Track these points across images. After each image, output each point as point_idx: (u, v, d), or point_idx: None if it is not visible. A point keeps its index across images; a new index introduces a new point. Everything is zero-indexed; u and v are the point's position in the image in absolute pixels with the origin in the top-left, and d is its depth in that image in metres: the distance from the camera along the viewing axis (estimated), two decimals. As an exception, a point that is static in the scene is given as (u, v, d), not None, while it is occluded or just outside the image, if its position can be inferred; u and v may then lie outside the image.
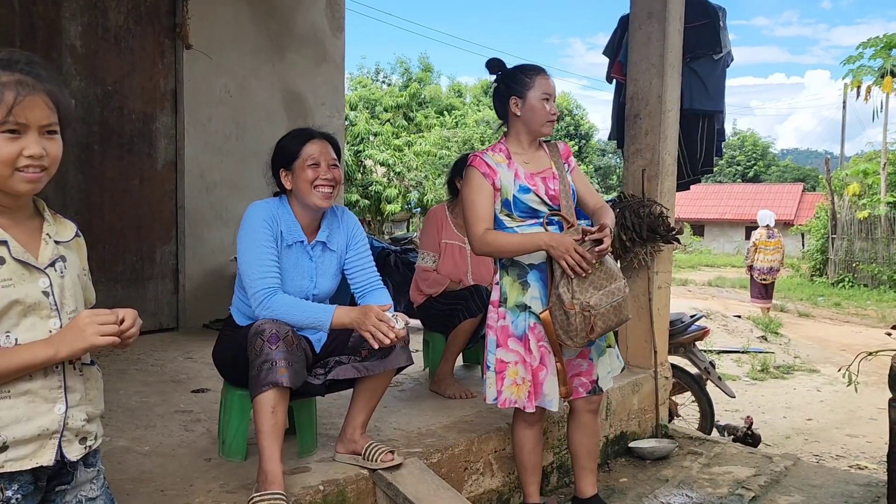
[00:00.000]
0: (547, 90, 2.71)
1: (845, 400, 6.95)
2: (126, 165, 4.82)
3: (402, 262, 5.33)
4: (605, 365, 2.85)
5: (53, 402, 1.38)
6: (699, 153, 4.38)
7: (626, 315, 2.69)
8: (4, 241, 1.35)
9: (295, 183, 2.56)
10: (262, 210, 2.55)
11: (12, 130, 1.32)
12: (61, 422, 1.38)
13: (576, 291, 2.55)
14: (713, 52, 4.21)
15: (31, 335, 1.35)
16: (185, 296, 5.15)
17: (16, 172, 1.33)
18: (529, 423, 2.86)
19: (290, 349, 2.37)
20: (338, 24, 6.18)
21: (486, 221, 2.68)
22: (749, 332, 10.43)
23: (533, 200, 2.69)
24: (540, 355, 2.71)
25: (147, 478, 2.48)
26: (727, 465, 3.73)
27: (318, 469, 2.57)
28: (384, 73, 30.76)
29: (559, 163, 2.78)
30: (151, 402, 3.37)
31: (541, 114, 2.71)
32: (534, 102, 2.70)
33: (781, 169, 44.67)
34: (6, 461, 1.32)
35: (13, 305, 1.33)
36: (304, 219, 2.61)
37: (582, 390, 2.82)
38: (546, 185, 2.72)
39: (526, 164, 2.75)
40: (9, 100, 1.30)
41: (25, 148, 1.33)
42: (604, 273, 2.61)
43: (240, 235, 2.54)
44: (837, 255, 18.79)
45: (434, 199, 20.73)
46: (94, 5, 4.60)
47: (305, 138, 2.59)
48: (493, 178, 2.69)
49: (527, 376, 2.71)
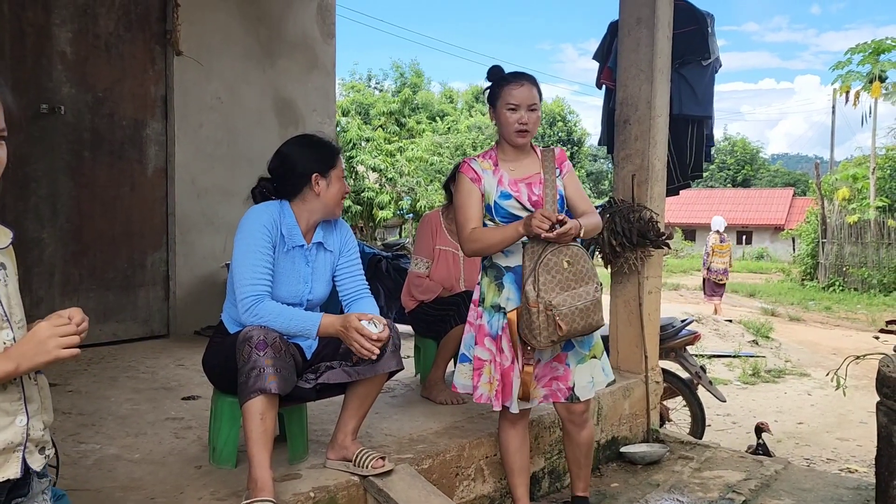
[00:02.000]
0: (511, 100, 2.69)
1: (836, 404, 6.98)
2: (117, 172, 4.81)
3: (393, 267, 5.33)
4: (585, 374, 2.81)
5: (14, 414, 1.35)
6: (689, 158, 4.41)
7: (597, 321, 2.65)
8: None
9: (328, 191, 2.59)
10: (263, 215, 2.55)
11: None
12: (24, 433, 1.36)
13: (541, 290, 2.57)
14: (702, 58, 4.25)
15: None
16: (175, 303, 5.14)
17: None
18: (512, 421, 2.87)
19: (278, 355, 2.37)
20: (328, 30, 6.19)
21: (474, 222, 2.76)
22: (740, 336, 10.47)
23: (513, 206, 2.74)
24: (511, 356, 2.75)
25: (137, 485, 2.47)
26: (718, 470, 3.74)
27: (309, 476, 2.57)
28: (376, 78, 30.80)
29: (549, 168, 2.78)
30: (142, 410, 3.35)
31: (506, 124, 2.73)
32: (500, 112, 2.73)
33: (772, 174, 44.93)
34: None
35: None
36: (307, 224, 2.63)
37: (560, 395, 2.81)
38: (530, 191, 2.75)
39: (511, 170, 2.78)
40: None
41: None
42: (573, 274, 2.61)
43: (237, 238, 2.53)
44: (828, 259, 18.91)
45: (426, 204, 20.75)
46: (85, 11, 4.59)
47: (336, 149, 2.68)
48: (479, 183, 2.76)
49: (496, 375, 2.77)
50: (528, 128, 2.72)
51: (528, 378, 2.71)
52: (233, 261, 2.54)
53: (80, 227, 4.62)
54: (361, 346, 2.36)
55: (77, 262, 4.61)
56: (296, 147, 2.66)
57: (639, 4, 4.00)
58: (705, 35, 4.20)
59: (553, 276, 2.58)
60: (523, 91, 2.70)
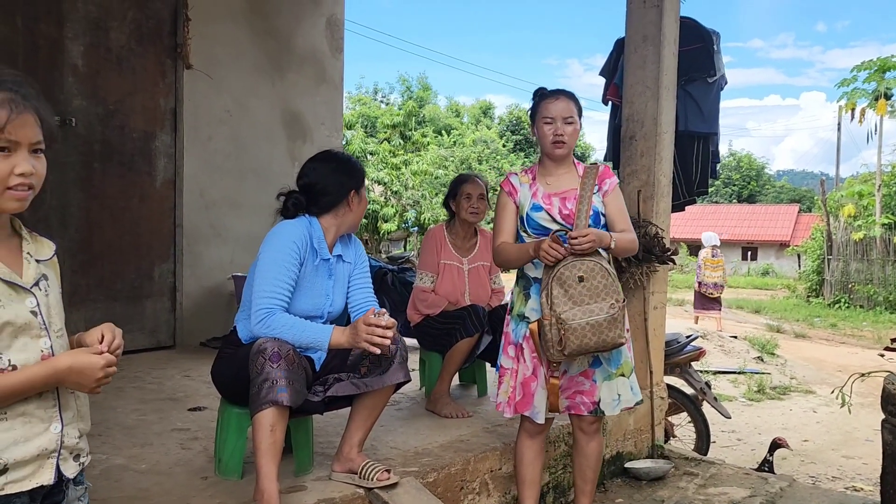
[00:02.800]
0: (547, 113, 2.78)
1: (841, 421, 6.95)
2: (126, 183, 4.85)
3: (399, 281, 5.35)
4: (612, 391, 2.82)
5: (49, 421, 1.38)
6: (694, 174, 4.43)
7: (613, 338, 2.60)
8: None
9: (359, 206, 2.73)
10: (295, 230, 2.59)
11: (3, 148, 1.32)
12: (58, 440, 1.39)
13: (554, 303, 2.60)
14: (707, 76, 4.28)
15: (23, 356, 1.35)
16: (182, 314, 5.16)
17: (6, 191, 1.33)
18: (530, 433, 2.90)
19: (291, 368, 2.38)
20: (337, 44, 6.25)
21: (503, 235, 2.86)
22: (745, 352, 10.45)
23: (544, 218, 2.80)
24: (533, 366, 2.79)
25: (144, 496, 2.48)
26: (723, 486, 3.74)
27: (315, 488, 2.58)
28: (382, 91, 30.97)
29: (588, 184, 2.79)
30: (149, 420, 3.37)
31: (543, 136, 2.81)
32: (539, 126, 2.83)
33: (777, 190, 44.91)
34: (6, 483, 1.32)
35: (5, 327, 1.32)
36: (331, 238, 2.71)
37: (583, 408, 2.82)
38: (562, 205, 2.79)
39: (548, 184, 2.85)
40: (1, 118, 1.30)
41: (17, 166, 1.33)
42: (587, 290, 2.60)
43: (263, 249, 2.57)
44: (833, 276, 18.86)
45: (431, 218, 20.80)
46: (97, 25, 4.65)
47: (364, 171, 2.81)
48: (515, 196, 2.85)
49: (512, 383, 2.83)
50: (564, 139, 2.77)
51: (553, 390, 2.73)
52: (256, 271, 2.55)
53: (90, 237, 4.66)
54: (371, 341, 2.35)
55: (85, 272, 4.64)
56: (332, 164, 2.73)
57: (645, 22, 4.03)
58: (711, 53, 4.24)
59: (565, 291, 2.60)
60: (559, 104, 2.78)
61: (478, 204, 3.89)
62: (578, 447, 2.97)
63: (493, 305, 3.98)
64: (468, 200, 3.88)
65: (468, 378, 4.28)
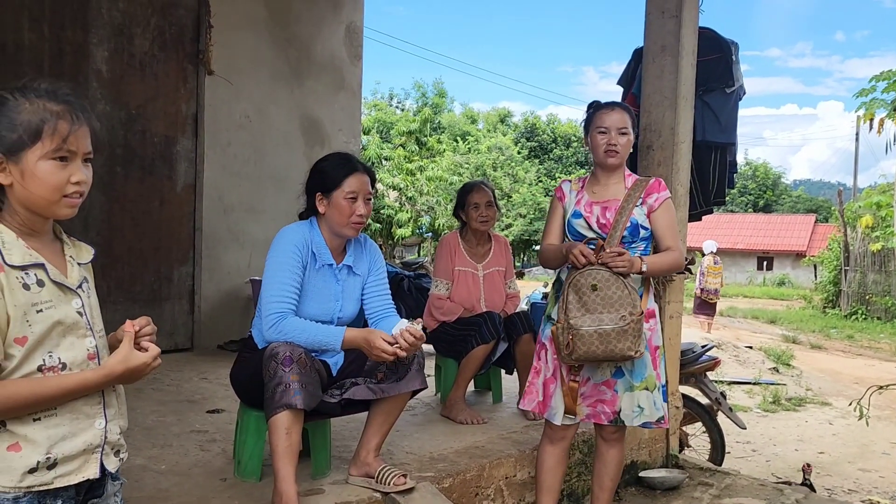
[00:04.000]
0: (601, 123, 2.84)
1: (858, 434, 6.90)
2: (147, 187, 4.92)
3: (415, 287, 5.38)
4: (633, 402, 2.80)
5: (94, 417, 1.45)
6: (711, 184, 4.42)
7: (622, 349, 2.60)
8: (42, 265, 1.41)
9: (329, 211, 2.61)
10: (294, 234, 2.61)
11: (64, 157, 1.39)
12: (102, 436, 1.46)
13: (567, 309, 2.67)
14: (726, 86, 4.27)
15: (71, 354, 1.42)
16: (200, 317, 5.22)
17: (62, 198, 1.41)
18: (552, 439, 2.92)
19: (303, 371, 2.41)
20: (356, 52, 6.30)
21: (549, 237, 2.98)
22: (761, 363, 10.38)
23: (581, 226, 2.87)
24: (553, 367, 2.84)
25: (164, 496, 2.52)
26: (738, 497, 3.72)
27: (332, 491, 2.60)
28: (398, 97, 31.08)
29: (633, 196, 2.82)
30: (168, 422, 3.41)
31: (596, 146, 2.87)
32: (592, 136, 2.89)
33: (794, 199, 44.58)
34: (56, 477, 1.38)
35: (55, 326, 1.39)
36: (332, 242, 2.68)
37: (604, 418, 2.83)
38: (602, 214, 2.83)
39: (594, 193, 2.91)
40: (63, 129, 1.38)
41: (73, 175, 1.41)
42: (601, 299, 2.63)
43: (268, 257, 2.60)
44: (850, 287, 18.69)
45: (445, 223, 20.84)
46: (121, 31, 4.73)
47: (349, 170, 2.62)
48: (563, 202, 2.95)
49: (533, 380, 2.91)
50: (618, 149, 2.82)
51: (571, 393, 2.77)
52: (263, 278, 2.60)
53: (110, 240, 4.72)
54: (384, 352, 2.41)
55: (105, 274, 4.70)
56: (314, 165, 2.72)
57: (664, 32, 4.04)
58: (729, 63, 4.23)
59: (578, 297, 2.66)
60: (613, 115, 2.83)
61: (486, 212, 3.91)
62: (599, 454, 3.00)
63: (508, 312, 4.00)
64: (476, 210, 3.89)
65: (483, 384, 4.30)
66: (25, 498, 1.36)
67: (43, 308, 1.38)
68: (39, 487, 1.37)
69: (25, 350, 1.35)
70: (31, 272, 1.38)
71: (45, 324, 1.37)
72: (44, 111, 1.38)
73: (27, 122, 1.36)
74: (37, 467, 1.36)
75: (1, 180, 1.38)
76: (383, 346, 2.40)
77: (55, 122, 1.38)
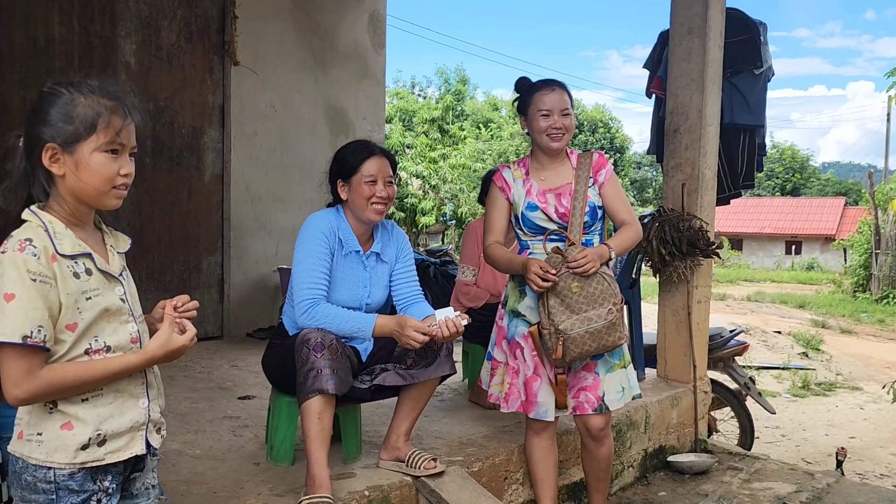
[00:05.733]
0: (543, 106, 2.69)
1: (890, 418, 6.81)
2: (175, 178, 4.99)
3: (441, 274, 5.40)
4: (615, 383, 2.74)
5: (138, 397, 1.53)
6: (740, 167, 4.38)
7: (613, 341, 2.57)
8: (89, 254, 1.47)
9: (351, 196, 2.64)
10: (321, 222, 2.64)
11: (115, 150, 1.46)
12: (146, 414, 1.54)
13: (551, 313, 2.55)
14: (754, 67, 4.22)
15: (115, 338, 1.49)
16: (229, 305, 5.29)
17: (111, 189, 1.47)
18: (535, 431, 2.85)
19: (334, 357, 2.44)
20: (379, 40, 6.31)
21: (495, 234, 2.79)
22: (789, 348, 10.27)
23: (539, 218, 2.73)
24: (534, 365, 2.74)
25: (199, 480, 2.57)
26: (768, 481, 3.71)
27: (363, 475, 2.64)
28: (420, 85, 31.03)
29: (582, 178, 2.71)
30: (200, 408, 3.47)
31: (539, 130, 2.72)
32: (533, 119, 2.73)
33: (822, 182, 43.84)
34: (107, 453, 1.47)
35: (102, 313, 1.46)
36: (358, 229, 2.70)
37: (588, 407, 2.73)
38: (558, 202, 2.72)
39: (542, 180, 2.77)
40: (117, 123, 1.45)
41: (122, 167, 1.47)
42: (584, 297, 2.55)
43: (297, 245, 2.63)
44: (881, 270, 18.37)
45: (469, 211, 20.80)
46: (148, 24, 4.78)
47: (366, 154, 2.64)
48: (508, 193, 2.78)
49: (507, 379, 2.80)
50: (563, 132, 2.70)
51: (562, 387, 2.69)
52: (293, 266, 2.63)
53: (140, 230, 4.80)
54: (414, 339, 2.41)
55: (136, 264, 4.76)
56: (335, 154, 2.74)
57: (691, 14, 4.00)
58: (758, 44, 4.18)
59: (562, 300, 2.55)
60: (554, 96, 2.70)
61: None
62: (589, 452, 2.89)
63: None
64: None
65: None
66: (80, 473, 1.45)
67: (91, 296, 1.44)
68: (92, 464, 1.45)
69: (75, 336, 1.42)
70: (80, 261, 1.45)
71: (93, 311, 1.44)
72: (98, 105, 1.44)
73: (83, 116, 1.42)
74: (88, 444, 1.44)
75: (55, 171, 1.43)
76: (414, 335, 2.41)
77: (109, 116, 1.44)
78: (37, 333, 1.34)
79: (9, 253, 1.36)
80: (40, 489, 1.43)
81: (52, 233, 1.42)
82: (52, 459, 1.42)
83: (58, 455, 1.42)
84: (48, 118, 1.42)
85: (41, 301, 1.35)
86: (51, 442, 1.42)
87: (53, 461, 1.42)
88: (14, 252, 1.36)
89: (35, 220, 1.43)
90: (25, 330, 1.33)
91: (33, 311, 1.34)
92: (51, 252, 1.39)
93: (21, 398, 1.37)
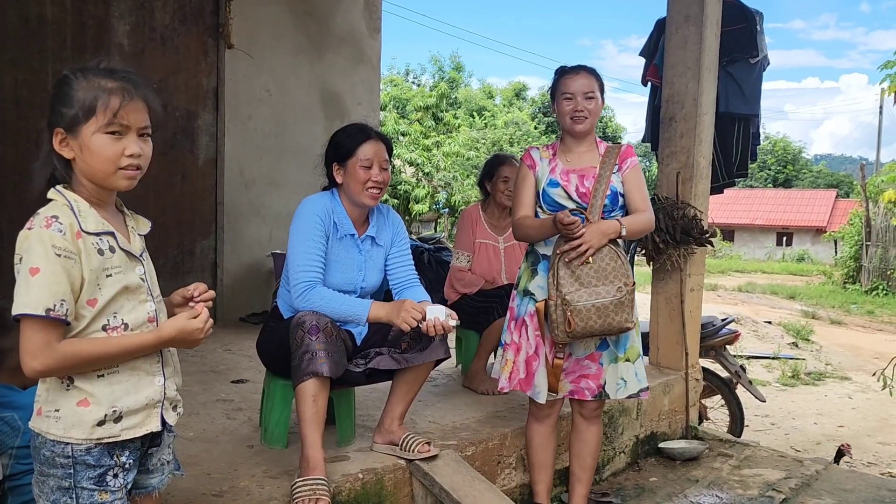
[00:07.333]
0: (567, 89, 2.74)
1: (878, 408, 6.88)
2: (169, 161, 4.96)
3: (435, 260, 5.40)
4: (616, 374, 2.76)
5: (154, 375, 1.57)
6: (734, 156, 4.39)
7: (619, 322, 2.56)
8: (112, 233, 1.51)
9: (346, 180, 2.64)
10: (315, 205, 2.63)
11: (116, 132, 1.47)
12: (162, 392, 1.57)
13: (560, 284, 2.57)
14: (750, 56, 4.22)
15: (133, 316, 1.52)
16: (222, 289, 5.28)
17: (118, 170, 1.48)
18: (538, 417, 2.87)
19: (329, 340, 2.45)
20: (375, 24, 6.28)
21: (525, 208, 2.81)
22: (780, 338, 10.34)
23: (559, 195, 2.75)
24: (535, 344, 2.75)
25: (193, 461, 2.57)
26: (757, 468, 3.74)
27: (357, 458, 2.65)
28: (414, 73, 30.87)
29: (608, 164, 2.75)
30: (194, 391, 3.47)
31: (563, 113, 2.77)
32: (559, 102, 2.79)
33: (815, 174, 43.99)
34: (123, 430, 1.51)
35: (123, 291, 1.50)
36: (353, 213, 2.69)
37: (588, 393, 2.76)
38: (580, 182, 2.74)
39: (568, 161, 2.80)
40: (114, 104, 1.46)
41: (126, 148, 1.49)
42: (594, 272, 2.57)
43: (292, 227, 2.63)
44: (871, 262, 18.48)
45: (462, 199, 20.81)
46: (142, 5, 4.74)
47: (362, 138, 2.64)
48: (535, 170, 2.82)
49: (511, 358, 2.80)
50: (585, 115, 2.73)
51: (556, 371, 2.70)
52: (288, 248, 2.62)
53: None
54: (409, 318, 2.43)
55: (130, 247, 4.76)
56: (331, 137, 2.74)
57: (687, 2, 3.99)
58: (754, 33, 4.18)
59: (572, 272, 2.57)
60: (579, 80, 2.74)
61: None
62: (577, 432, 2.92)
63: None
64: (505, 183, 3.86)
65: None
66: (97, 449, 1.48)
67: (112, 273, 1.48)
68: (109, 439, 1.49)
69: (95, 311, 1.46)
70: (104, 238, 1.49)
71: (113, 288, 1.48)
72: (97, 88, 1.46)
73: (82, 99, 1.45)
74: (104, 420, 1.48)
75: (65, 154, 1.48)
76: (413, 312, 2.42)
77: (107, 97, 1.46)
78: (59, 307, 1.38)
79: (35, 229, 1.40)
80: (58, 464, 1.46)
81: (77, 210, 1.46)
82: (69, 435, 1.46)
83: (75, 431, 1.46)
84: (55, 104, 1.47)
85: (64, 276, 1.39)
86: (68, 418, 1.46)
87: (71, 437, 1.46)
88: (41, 228, 1.40)
89: (60, 199, 1.47)
90: (49, 303, 1.37)
91: (57, 284, 1.38)
92: (76, 229, 1.43)
93: (38, 370, 1.40)
